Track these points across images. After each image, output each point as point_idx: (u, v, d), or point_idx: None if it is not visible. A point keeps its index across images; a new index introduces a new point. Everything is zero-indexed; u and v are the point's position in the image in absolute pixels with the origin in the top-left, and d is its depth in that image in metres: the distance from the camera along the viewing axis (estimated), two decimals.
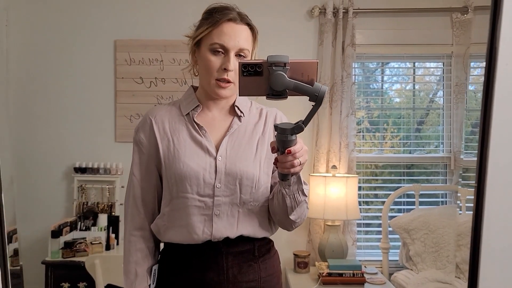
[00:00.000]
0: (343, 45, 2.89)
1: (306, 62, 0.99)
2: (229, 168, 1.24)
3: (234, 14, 1.27)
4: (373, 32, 2.97)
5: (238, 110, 1.33)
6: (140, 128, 1.33)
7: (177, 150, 1.26)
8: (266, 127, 1.34)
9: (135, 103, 2.97)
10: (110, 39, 2.98)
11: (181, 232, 1.25)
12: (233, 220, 1.26)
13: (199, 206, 1.24)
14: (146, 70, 2.97)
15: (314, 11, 2.91)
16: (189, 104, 1.33)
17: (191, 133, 1.29)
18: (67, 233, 2.60)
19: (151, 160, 1.30)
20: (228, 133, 1.29)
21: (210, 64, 1.24)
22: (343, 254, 2.70)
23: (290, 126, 1.03)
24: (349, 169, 2.89)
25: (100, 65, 2.98)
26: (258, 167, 1.27)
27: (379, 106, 3.14)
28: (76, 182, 2.88)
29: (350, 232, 2.88)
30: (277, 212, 1.27)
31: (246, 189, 1.25)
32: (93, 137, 2.96)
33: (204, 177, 1.23)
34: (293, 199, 1.21)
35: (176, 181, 1.24)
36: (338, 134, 2.88)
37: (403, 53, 3.01)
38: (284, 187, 1.19)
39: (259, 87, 0.99)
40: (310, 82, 0.99)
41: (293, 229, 1.32)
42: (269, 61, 0.98)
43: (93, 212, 2.79)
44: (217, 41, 1.24)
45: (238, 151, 1.27)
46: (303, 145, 1.09)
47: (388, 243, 2.83)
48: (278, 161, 1.09)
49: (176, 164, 1.24)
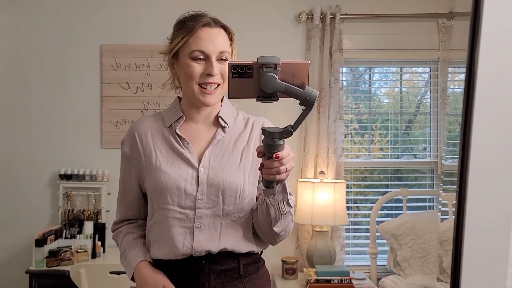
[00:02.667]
0: (330, 50, 2.89)
1: (297, 64, 0.97)
2: (211, 179, 1.21)
3: (207, 19, 1.24)
4: (360, 37, 2.98)
5: (222, 121, 1.30)
6: (125, 141, 1.34)
7: (159, 161, 1.25)
8: (251, 137, 1.31)
9: (121, 109, 2.94)
10: (96, 44, 2.95)
11: (163, 246, 1.22)
12: (215, 232, 1.21)
13: (179, 218, 1.21)
14: (133, 76, 2.95)
15: (302, 16, 2.91)
16: (172, 115, 1.31)
17: (173, 145, 1.27)
18: (52, 241, 2.55)
19: (134, 173, 1.30)
20: (211, 144, 1.27)
21: (192, 70, 1.22)
22: (331, 259, 2.69)
23: (278, 130, 1.00)
24: (337, 174, 2.89)
25: (86, 70, 2.94)
26: (242, 177, 1.24)
27: (367, 109, 3.15)
28: (62, 189, 2.84)
29: (338, 237, 2.88)
30: (260, 224, 1.23)
31: (230, 200, 1.21)
32: (79, 143, 2.93)
33: (186, 188, 1.20)
34: (278, 210, 1.17)
35: (157, 192, 1.22)
36: (326, 139, 2.88)
37: (390, 58, 3.02)
38: (269, 196, 1.16)
39: (249, 89, 0.97)
40: (301, 85, 0.96)
41: (277, 243, 1.28)
42: (259, 62, 0.95)
43: (79, 219, 2.75)
44: (196, 48, 1.21)
45: (221, 162, 1.24)
46: (290, 152, 1.07)
47: (376, 248, 2.83)
48: (264, 166, 1.06)
49: (157, 175, 1.22)
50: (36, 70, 2.93)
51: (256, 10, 2.96)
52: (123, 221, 1.37)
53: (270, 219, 1.19)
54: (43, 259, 2.46)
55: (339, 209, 2.65)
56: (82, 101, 2.94)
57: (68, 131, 2.93)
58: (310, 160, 2.89)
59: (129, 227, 1.35)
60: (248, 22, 2.94)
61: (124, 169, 1.34)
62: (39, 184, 2.90)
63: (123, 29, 2.94)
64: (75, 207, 2.84)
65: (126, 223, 1.36)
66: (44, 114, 2.92)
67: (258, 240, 1.29)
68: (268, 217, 1.19)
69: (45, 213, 2.89)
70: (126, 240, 1.31)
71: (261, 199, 1.21)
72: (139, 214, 1.36)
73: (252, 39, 2.88)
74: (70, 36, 2.94)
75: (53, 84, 2.93)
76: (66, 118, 2.93)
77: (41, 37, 2.93)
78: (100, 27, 2.95)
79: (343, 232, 2.89)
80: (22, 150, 2.91)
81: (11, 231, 2.85)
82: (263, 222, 1.22)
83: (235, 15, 2.89)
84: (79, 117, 2.93)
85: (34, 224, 2.83)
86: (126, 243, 1.30)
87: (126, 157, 1.32)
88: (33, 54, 2.93)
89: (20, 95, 2.92)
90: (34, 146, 2.91)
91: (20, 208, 2.88)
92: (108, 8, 2.95)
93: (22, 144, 2.91)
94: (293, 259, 2.72)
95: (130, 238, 1.31)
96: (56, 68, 2.93)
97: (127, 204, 1.35)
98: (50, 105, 2.92)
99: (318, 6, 2.88)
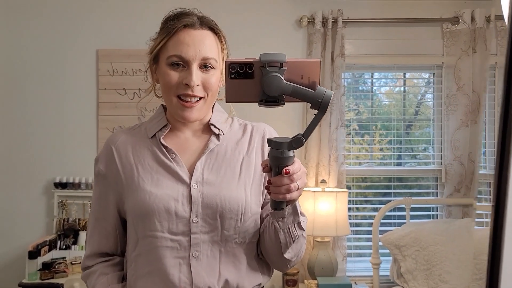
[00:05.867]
0: (332, 55, 2.82)
1: (307, 62, 0.84)
2: (207, 197, 1.03)
3: (192, 19, 1.07)
4: (363, 42, 2.91)
5: (215, 128, 1.12)
6: (100, 158, 1.14)
7: (142, 179, 1.05)
8: (251, 145, 1.12)
9: (117, 115, 2.87)
10: (92, 49, 2.87)
11: (153, 282, 1.02)
12: (214, 262, 1.03)
13: (171, 247, 1.01)
14: (129, 81, 2.87)
15: (303, 20, 2.84)
16: (156, 124, 1.13)
17: (157, 157, 1.08)
18: (46, 253, 2.48)
19: (112, 195, 1.11)
20: (204, 154, 1.08)
21: (168, 79, 1.04)
22: (333, 271, 2.62)
23: (287, 140, 0.86)
24: (338, 183, 2.82)
25: (82, 75, 2.87)
26: (244, 193, 1.05)
27: (367, 109, 3.08)
28: (56, 198, 2.77)
29: (340, 247, 2.81)
30: (269, 250, 1.07)
31: (230, 223, 1.03)
32: (74, 150, 2.85)
33: (177, 210, 1.01)
34: (288, 234, 1.01)
35: (141, 217, 1.02)
36: (328, 147, 2.81)
37: (393, 63, 2.95)
38: (277, 219, 0.99)
39: (250, 91, 0.84)
40: (311, 86, 0.83)
41: (288, 269, 1.11)
42: (262, 60, 0.82)
43: (74, 229, 2.68)
44: (174, 52, 1.04)
45: (217, 175, 1.06)
46: (301, 166, 0.91)
47: (378, 259, 2.76)
48: (271, 184, 0.89)
49: (141, 196, 1.03)
50: (30, 75, 2.85)
51: (256, 14, 2.89)
52: (96, 255, 1.13)
53: (280, 245, 1.02)
54: (36, 271, 2.39)
55: (341, 219, 2.58)
56: (78, 107, 2.86)
57: (63, 138, 2.85)
58: (311, 168, 2.82)
59: (104, 266, 1.11)
60: (247, 26, 2.86)
61: (100, 191, 1.12)
62: (33, 192, 2.82)
63: (119, 34, 2.86)
64: (71, 216, 2.77)
65: (100, 261, 1.12)
66: (39, 120, 2.84)
67: (264, 267, 1.12)
68: (277, 243, 1.02)
69: (39, 222, 2.81)
70: (100, 282, 1.08)
71: (268, 221, 1.04)
72: (115, 247, 1.14)
73: (251, 44, 2.80)
74: (66, 41, 2.86)
75: (48, 90, 2.85)
76: (61, 125, 2.85)
77: (36, 42, 2.85)
78: (96, 32, 2.87)
79: (344, 241, 2.83)
80: (16, 157, 2.83)
81: (4, 241, 2.77)
82: (271, 248, 1.05)
83: (233, 19, 2.82)
84: (74, 124, 2.86)
85: (28, 233, 2.75)
86: (101, 286, 1.08)
87: (101, 176, 1.12)
88: (28, 59, 2.85)
89: (14, 100, 2.84)
90: (28, 153, 2.83)
91: (14, 217, 2.80)
92: (104, 11, 2.87)
93: (16, 151, 2.83)
94: (294, 270, 2.65)
95: (104, 280, 1.08)
96: (51, 74, 2.85)
97: (102, 234, 1.12)
98: (45, 111, 2.85)
99: (319, 11, 2.81)
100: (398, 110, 3.06)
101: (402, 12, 2.88)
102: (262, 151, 1.13)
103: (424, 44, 2.91)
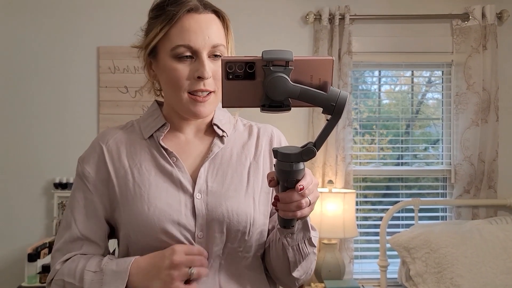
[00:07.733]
0: (339, 52, 2.75)
1: (318, 60, 0.71)
2: (212, 209, 0.91)
3: (194, 2, 0.93)
4: (371, 39, 2.84)
5: (219, 129, 1.00)
6: (86, 158, 0.98)
7: (139, 186, 0.93)
8: (259, 149, 1.01)
9: (119, 114, 2.80)
10: (92, 46, 2.79)
11: None
12: (213, 275, 0.93)
13: None
14: (131, 79, 2.80)
15: (309, 17, 2.77)
16: (152, 123, 1.00)
17: (157, 161, 0.96)
18: (46, 255, 2.42)
19: (99, 203, 0.96)
20: (207, 159, 0.96)
21: (177, 75, 0.91)
22: (340, 273, 2.56)
23: (296, 151, 0.74)
24: (346, 183, 2.75)
25: (82, 73, 2.79)
26: (252, 205, 0.94)
27: (370, 107, 3.01)
28: (56, 199, 2.70)
29: (347, 249, 2.75)
30: (275, 268, 0.97)
31: (236, 235, 0.91)
32: (75, 150, 2.73)
33: (180, 223, 0.90)
34: (298, 252, 0.91)
35: (140, 230, 0.90)
36: (335, 147, 2.74)
37: (401, 61, 2.87)
38: (286, 236, 0.89)
39: (251, 95, 0.72)
40: (323, 87, 0.71)
41: (296, 287, 1.00)
42: (264, 59, 0.69)
43: None
44: (180, 42, 0.90)
45: (223, 183, 0.94)
46: (313, 178, 0.79)
47: (386, 261, 2.70)
48: (280, 200, 0.77)
49: (139, 207, 0.90)
50: (30, 73, 2.78)
51: (261, 10, 2.82)
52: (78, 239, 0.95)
53: (288, 263, 0.92)
54: (36, 274, 2.33)
55: (348, 221, 2.52)
56: (78, 106, 2.79)
57: (63, 137, 2.78)
58: (317, 169, 2.76)
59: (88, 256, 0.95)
60: (251, 23, 2.79)
61: (84, 197, 0.96)
62: (33, 193, 2.75)
63: (121, 30, 2.78)
64: None
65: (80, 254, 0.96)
66: (38, 119, 2.77)
67: (270, 283, 1.02)
68: (285, 261, 0.92)
69: (39, 223, 2.74)
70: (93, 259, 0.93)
71: (275, 236, 0.94)
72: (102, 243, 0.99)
73: (255, 40, 2.73)
74: (66, 38, 2.78)
75: (48, 88, 2.78)
76: (61, 124, 2.78)
77: (36, 39, 2.77)
78: (97, 28, 2.79)
79: (352, 243, 2.76)
80: (15, 157, 2.76)
81: (3, 243, 2.70)
82: (278, 266, 0.95)
83: (238, 16, 2.74)
84: (75, 123, 2.79)
85: (27, 235, 2.68)
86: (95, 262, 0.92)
87: (85, 179, 0.96)
88: (28, 57, 2.78)
89: (13, 99, 2.77)
90: (27, 153, 2.76)
91: (13, 218, 2.73)
92: (105, 8, 2.80)
93: (15, 150, 2.76)
94: None
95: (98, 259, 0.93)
96: (51, 71, 2.78)
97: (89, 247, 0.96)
98: (45, 110, 2.78)
99: (326, 7, 2.74)
100: (404, 109, 2.99)
101: (410, 9, 2.81)
102: (270, 156, 1.02)
103: (433, 41, 2.84)
